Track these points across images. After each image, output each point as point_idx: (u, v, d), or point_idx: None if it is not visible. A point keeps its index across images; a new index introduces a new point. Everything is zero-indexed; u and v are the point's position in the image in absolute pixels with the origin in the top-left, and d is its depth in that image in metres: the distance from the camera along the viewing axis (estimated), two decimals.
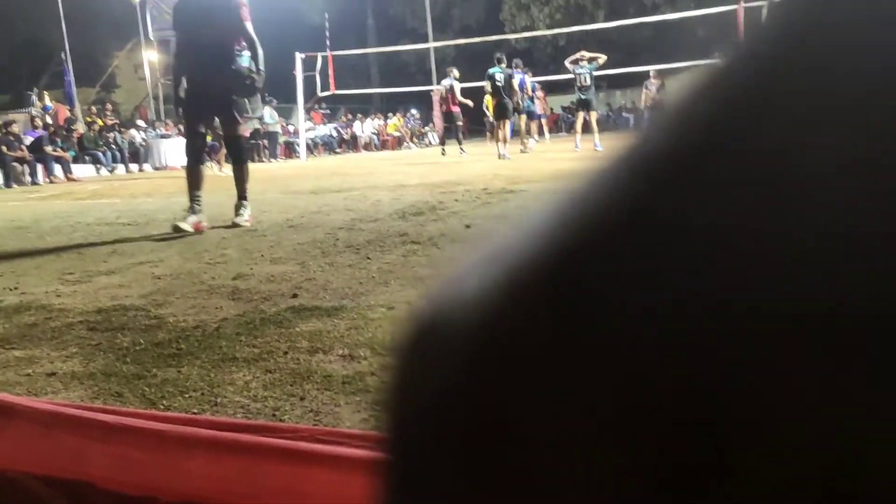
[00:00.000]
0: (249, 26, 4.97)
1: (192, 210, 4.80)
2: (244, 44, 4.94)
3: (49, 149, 13.58)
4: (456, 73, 15.07)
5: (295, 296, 2.72)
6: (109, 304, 2.76)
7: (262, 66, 5.00)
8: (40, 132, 14.25)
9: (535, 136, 20.63)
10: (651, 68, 17.46)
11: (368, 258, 3.43)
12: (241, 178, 5.09)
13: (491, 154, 14.24)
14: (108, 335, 2.30)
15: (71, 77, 19.12)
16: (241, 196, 5.05)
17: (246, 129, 5.33)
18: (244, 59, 4.95)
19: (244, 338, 2.16)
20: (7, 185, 12.45)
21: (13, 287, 3.19)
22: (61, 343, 2.24)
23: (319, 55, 19.43)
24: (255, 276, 3.15)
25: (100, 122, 17.45)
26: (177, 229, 4.65)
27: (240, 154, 5.18)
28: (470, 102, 15.23)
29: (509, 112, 12.78)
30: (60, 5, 18.43)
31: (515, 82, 13.15)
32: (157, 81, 24.87)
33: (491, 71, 12.81)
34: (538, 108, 20.96)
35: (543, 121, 21.34)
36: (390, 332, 2.13)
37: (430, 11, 32.69)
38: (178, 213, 6.00)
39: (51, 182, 13.25)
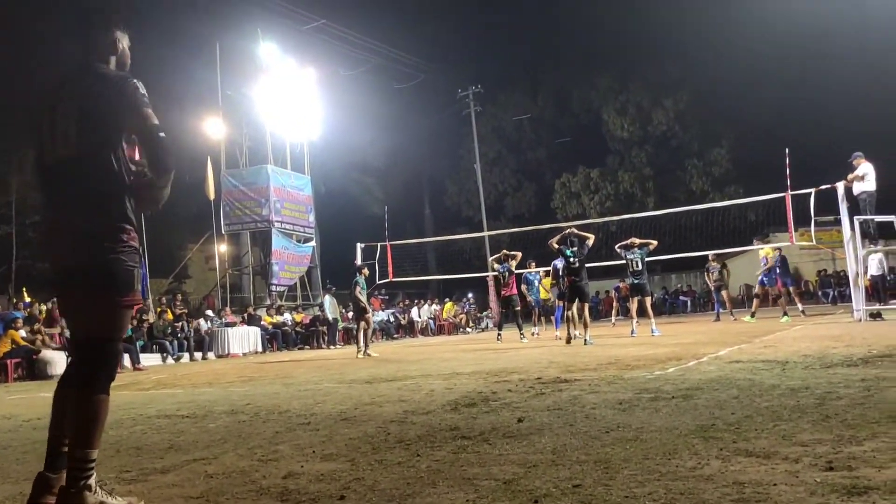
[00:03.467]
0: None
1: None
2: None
3: None
4: (512, 258, 15.43)
5: (342, 497, 2.71)
6: None
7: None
8: None
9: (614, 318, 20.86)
10: (710, 253, 17.58)
11: (418, 455, 3.41)
12: (90, 419, 2.62)
13: (546, 338, 14.24)
14: None
15: (145, 270, 20.29)
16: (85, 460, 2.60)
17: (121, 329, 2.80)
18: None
19: None
20: None
21: None
22: None
23: (378, 244, 20.29)
24: (305, 475, 3.15)
25: (169, 312, 18.22)
26: None
27: (100, 372, 2.71)
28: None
29: (585, 294, 12.25)
30: None
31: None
32: (226, 272, 26.17)
33: (567, 252, 12.25)
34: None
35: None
36: None
37: (484, 201, 34.26)
38: (234, 404, 6.12)
39: (119, 371, 13.69)
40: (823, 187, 14.03)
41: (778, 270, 16.75)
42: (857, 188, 13.46)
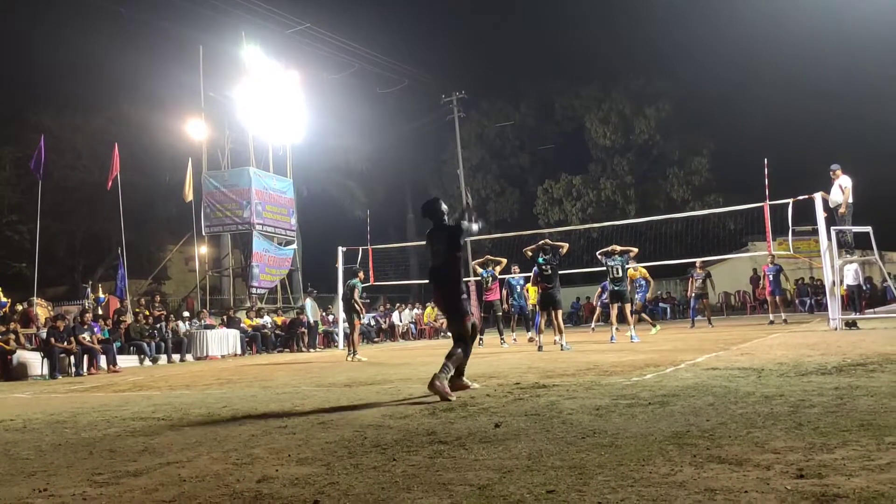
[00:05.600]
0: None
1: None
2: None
3: (84, 337, 13.91)
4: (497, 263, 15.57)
5: (316, 502, 2.70)
6: None
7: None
8: (92, 323, 14.79)
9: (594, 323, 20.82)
10: (696, 260, 17.74)
11: (394, 460, 3.41)
12: (452, 355, 6.28)
13: (524, 343, 14.26)
14: None
15: (124, 271, 20.08)
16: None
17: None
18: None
19: None
20: (52, 375, 12.73)
21: (43, 489, 3.22)
22: None
23: (360, 248, 20.21)
24: (279, 479, 3.14)
25: (147, 313, 18.04)
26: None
27: (459, 342, 6.45)
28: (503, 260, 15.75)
29: (557, 301, 12.48)
30: (121, 204, 19.74)
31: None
32: (206, 273, 25.95)
33: (539, 259, 12.48)
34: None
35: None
36: None
37: None
38: (211, 406, 6.07)
39: (94, 373, 13.54)
40: (801, 197, 14.18)
41: (771, 278, 17.15)
42: (835, 200, 13.61)
